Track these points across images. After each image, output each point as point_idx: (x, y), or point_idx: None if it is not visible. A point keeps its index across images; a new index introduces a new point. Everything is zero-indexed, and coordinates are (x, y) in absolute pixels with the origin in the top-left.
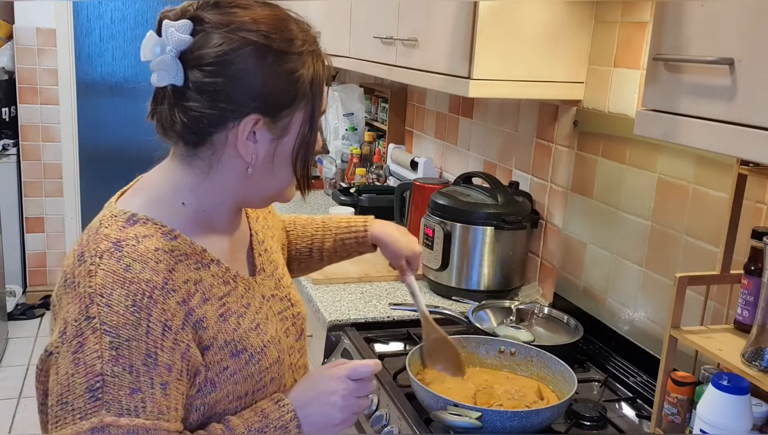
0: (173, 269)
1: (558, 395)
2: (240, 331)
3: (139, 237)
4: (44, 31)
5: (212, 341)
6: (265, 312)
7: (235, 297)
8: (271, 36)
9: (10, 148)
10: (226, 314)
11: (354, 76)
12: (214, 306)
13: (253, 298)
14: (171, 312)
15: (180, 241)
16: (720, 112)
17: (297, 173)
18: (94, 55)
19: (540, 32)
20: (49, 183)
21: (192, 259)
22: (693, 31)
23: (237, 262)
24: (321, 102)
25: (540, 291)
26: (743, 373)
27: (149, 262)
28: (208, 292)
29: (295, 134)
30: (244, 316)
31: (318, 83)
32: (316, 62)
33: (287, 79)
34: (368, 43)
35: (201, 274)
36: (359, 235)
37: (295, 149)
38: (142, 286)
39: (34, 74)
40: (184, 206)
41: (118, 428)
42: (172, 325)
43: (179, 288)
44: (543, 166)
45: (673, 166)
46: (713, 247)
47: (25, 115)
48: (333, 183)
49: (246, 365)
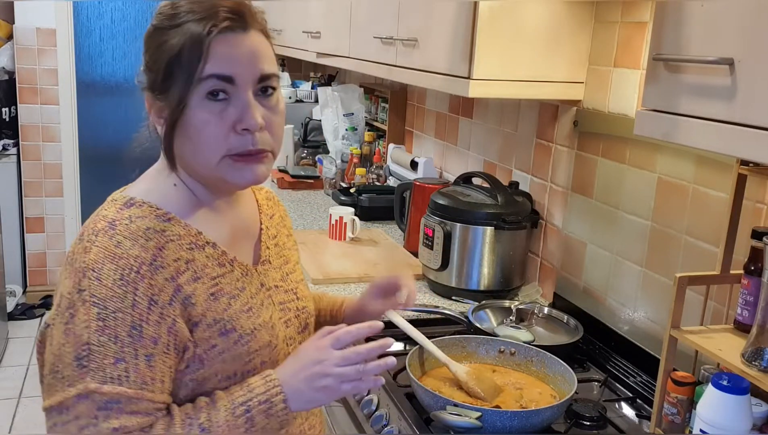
0: (163, 247)
1: (558, 395)
2: (230, 311)
3: (133, 217)
4: (44, 31)
5: (201, 318)
6: (261, 299)
7: (230, 279)
8: (159, 14)
9: (10, 148)
10: (217, 294)
11: (354, 76)
12: (205, 285)
13: (250, 283)
14: (158, 287)
15: (174, 223)
16: (720, 112)
17: (168, 148)
18: (94, 55)
19: (540, 32)
20: (49, 183)
21: (186, 239)
22: (693, 31)
23: (239, 249)
24: (197, 66)
25: (540, 291)
26: (743, 373)
27: (139, 240)
28: (201, 271)
29: (175, 104)
30: (236, 298)
31: (192, 46)
32: (198, 25)
33: (157, 51)
34: (368, 43)
35: (194, 254)
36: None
37: (168, 120)
38: (131, 261)
39: (34, 74)
40: (176, 187)
41: (102, 395)
42: (159, 300)
43: (168, 265)
44: (543, 166)
45: (673, 166)
46: (713, 247)
47: (25, 115)
48: (333, 183)
49: (234, 345)
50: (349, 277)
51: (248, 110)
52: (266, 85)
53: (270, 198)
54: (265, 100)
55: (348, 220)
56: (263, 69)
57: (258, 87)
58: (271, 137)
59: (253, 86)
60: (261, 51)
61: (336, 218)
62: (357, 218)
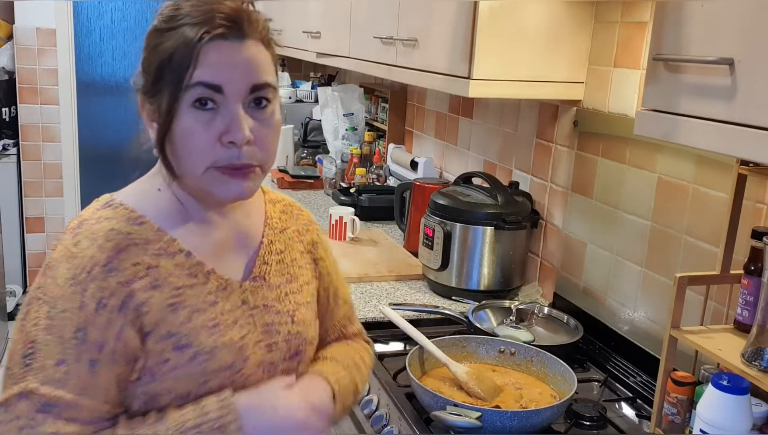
0: (123, 250)
1: (558, 395)
2: (190, 325)
3: (102, 218)
4: (44, 31)
5: (153, 328)
6: (237, 316)
7: (199, 292)
8: (160, 15)
9: (10, 148)
10: (177, 305)
11: (354, 76)
12: (164, 294)
13: (227, 299)
14: (109, 290)
15: (145, 227)
16: (720, 112)
17: (162, 156)
18: (94, 55)
19: (540, 32)
20: (49, 183)
21: (154, 245)
22: (693, 31)
23: (224, 262)
24: (186, 72)
25: (540, 291)
26: (743, 373)
27: (98, 240)
28: (163, 279)
29: (164, 110)
30: (201, 312)
31: (183, 51)
32: (192, 30)
33: (152, 53)
34: (368, 43)
35: (160, 260)
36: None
37: (159, 128)
38: (84, 261)
39: (34, 74)
40: (160, 192)
41: (40, 396)
42: (108, 304)
43: (125, 269)
44: (543, 166)
45: (673, 166)
46: (713, 247)
47: (26, 115)
48: (333, 183)
49: (189, 362)
50: (350, 277)
51: (235, 122)
52: (259, 96)
53: (287, 211)
54: (258, 112)
55: (348, 220)
56: (256, 79)
57: (250, 98)
58: (261, 152)
59: (244, 97)
60: (256, 61)
61: (336, 218)
62: (357, 218)
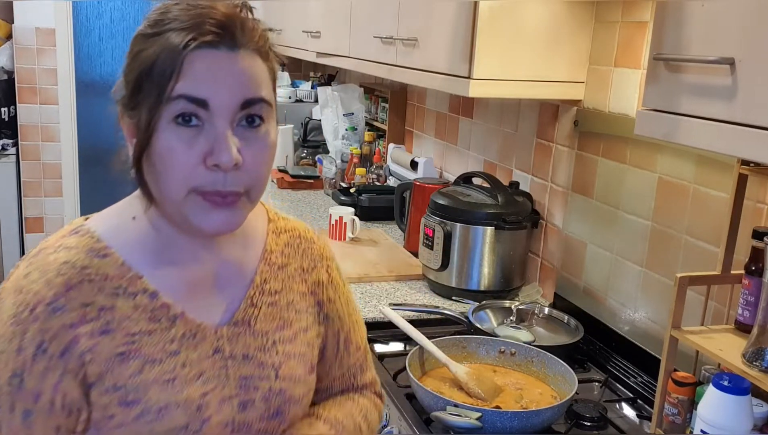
0: (74, 287)
1: (558, 395)
2: (139, 378)
3: (61, 247)
4: (43, 30)
5: (98, 379)
6: (203, 368)
7: (158, 339)
8: (146, 19)
9: (9, 148)
10: (128, 354)
11: (354, 76)
12: (114, 341)
13: (195, 348)
14: (51, 333)
15: (107, 261)
16: (720, 111)
17: (139, 178)
18: (93, 54)
19: (540, 32)
20: (48, 183)
21: (113, 282)
22: (693, 30)
23: (199, 303)
24: (168, 83)
25: (540, 291)
26: (744, 374)
27: (48, 274)
28: (116, 323)
29: (142, 125)
30: (156, 364)
31: (165, 60)
32: (177, 36)
33: (133, 60)
34: (368, 42)
35: (117, 301)
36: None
37: (136, 146)
38: (28, 297)
39: (33, 74)
40: (134, 221)
41: None
42: (48, 349)
43: (72, 309)
44: (543, 166)
45: (673, 165)
46: (714, 247)
47: (25, 114)
48: (333, 183)
49: (135, 421)
50: (350, 277)
51: (221, 142)
52: (251, 113)
53: (292, 244)
54: (249, 131)
55: (348, 220)
56: (248, 93)
57: (240, 115)
58: (250, 177)
59: (233, 114)
60: (249, 74)
61: (336, 218)
62: (357, 218)
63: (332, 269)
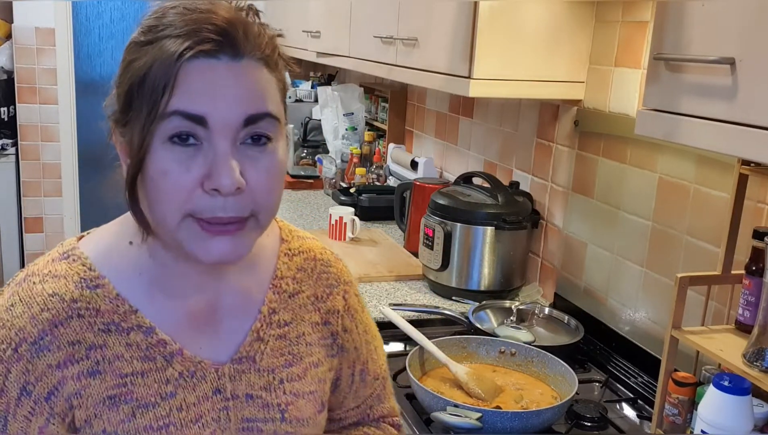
0: (61, 324)
1: (559, 396)
2: (131, 425)
3: (49, 275)
4: (43, 30)
5: (85, 424)
6: (202, 411)
7: (153, 380)
8: (141, 25)
9: (8, 147)
10: (118, 398)
11: (354, 75)
12: (105, 383)
13: (193, 389)
14: (36, 374)
15: (99, 293)
16: (721, 111)
17: (133, 205)
18: (93, 54)
19: (540, 32)
20: (48, 183)
21: (104, 317)
22: (694, 30)
23: (198, 338)
24: (161, 98)
25: (540, 291)
26: (744, 374)
27: (33, 307)
28: (106, 363)
29: (135, 145)
30: (148, 409)
31: (158, 71)
32: (172, 44)
33: (124, 72)
34: (368, 42)
35: (108, 338)
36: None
37: (128, 169)
38: (12, 334)
39: (33, 74)
40: (131, 247)
41: None
42: (34, 391)
43: (59, 348)
44: (543, 165)
45: (673, 165)
46: (714, 247)
47: (24, 114)
48: (333, 183)
49: None
50: None
51: (220, 165)
52: (257, 131)
53: (306, 267)
54: (255, 151)
55: (348, 220)
56: (252, 109)
57: (244, 133)
58: (256, 200)
59: (235, 132)
60: (253, 86)
61: (336, 218)
62: (357, 218)
63: (349, 295)
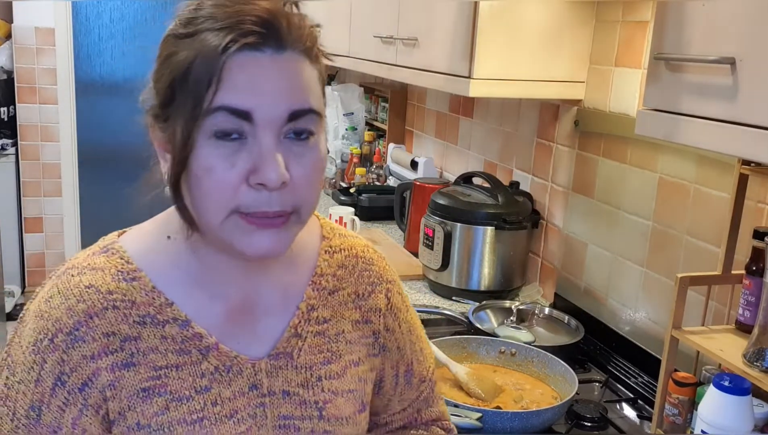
0: (97, 315)
1: (559, 396)
2: (163, 418)
3: (88, 268)
4: (43, 30)
5: (119, 417)
6: (237, 406)
7: (188, 374)
8: (177, 17)
9: (8, 147)
10: (152, 390)
11: (354, 75)
12: (139, 375)
13: (229, 383)
14: (71, 365)
15: (136, 285)
16: (721, 111)
17: (177, 202)
18: (93, 54)
19: (541, 32)
20: (47, 183)
21: (140, 310)
22: (694, 30)
23: (238, 332)
24: (206, 92)
25: (540, 291)
26: (745, 374)
27: (70, 299)
28: (141, 356)
29: (178, 142)
30: (183, 402)
31: (202, 66)
32: (215, 38)
33: (163, 65)
34: (368, 42)
35: (143, 330)
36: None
37: (172, 166)
38: (49, 324)
39: (32, 74)
40: (169, 241)
41: None
42: (68, 382)
43: (94, 339)
44: (544, 165)
45: (674, 165)
46: (714, 247)
47: (24, 114)
48: (333, 183)
49: None
50: None
51: (267, 159)
52: (299, 127)
53: (347, 265)
54: (297, 145)
55: (348, 220)
56: (297, 104)
57: (287, 128)
58: (298, 195)
59: (280, 127)
60: (296, 80)
61: (336, 218)
62: (357, 218)
63: (392, 294)
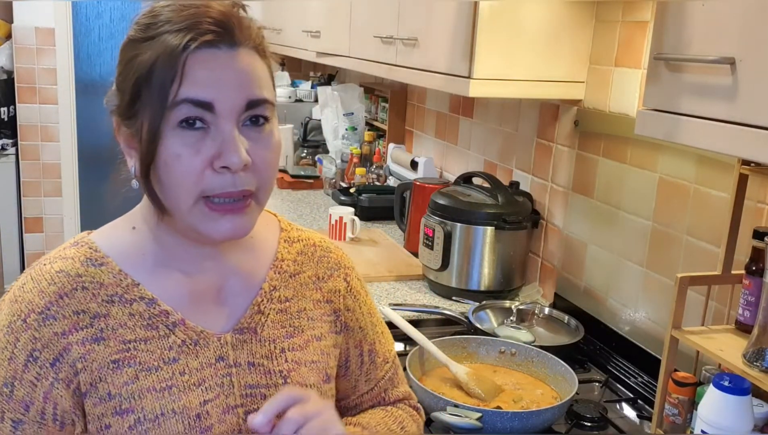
0: (67, 295)
1: (559, 396)
2: (133, 387)
3: (58, 258)
4: (43, 30)
5: (90, 388)
6: (204, 376)
7: (156, 347)
8: (136, 24)
9: (8, 147)
10: (122, 362)
11: (354, 75)
12: (109, 349)
13: (196, 355)
14: (42, 342)
15: (104, 269)
16: (721, 111)
17: (148, 191)
18: (93, 54)
19: (541, 31)
20: (47, 183)
21: (108, 290)
22: (694, 30)
23: (202, 311)
24: (170, 88)
25: (540, 291)
26: (744, 374)
27: (41, 283)
28: (110, 331)
29: (146, 135)
30: (152, 372)
31: (165, 64)
32: (175, 38)
33: (126, 67)
34: (368, 42)
35: (112, 308)
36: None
37: (141, 158)
38: (22, 306)
39: (32, 74)
40: (134, 231)
41: None
42: (40, 357)
43: (64, 317)
44: (543, 165)
45: (674, 165)
46: (714, 247)
47: (24, 114)
48: (333, 183)
49: (131, 431)
50: None
51: (229, 144)
52: (256, 114)
53: (306, 252)
54: (254, 131)
55: (348, 220)
56: (252, 94)
57: (245, 116)
58: (258, 178)
59: (238, 115)
60: (251, 73)
61: (336, 218)
62: (357, 218)
63: (351, 278)
